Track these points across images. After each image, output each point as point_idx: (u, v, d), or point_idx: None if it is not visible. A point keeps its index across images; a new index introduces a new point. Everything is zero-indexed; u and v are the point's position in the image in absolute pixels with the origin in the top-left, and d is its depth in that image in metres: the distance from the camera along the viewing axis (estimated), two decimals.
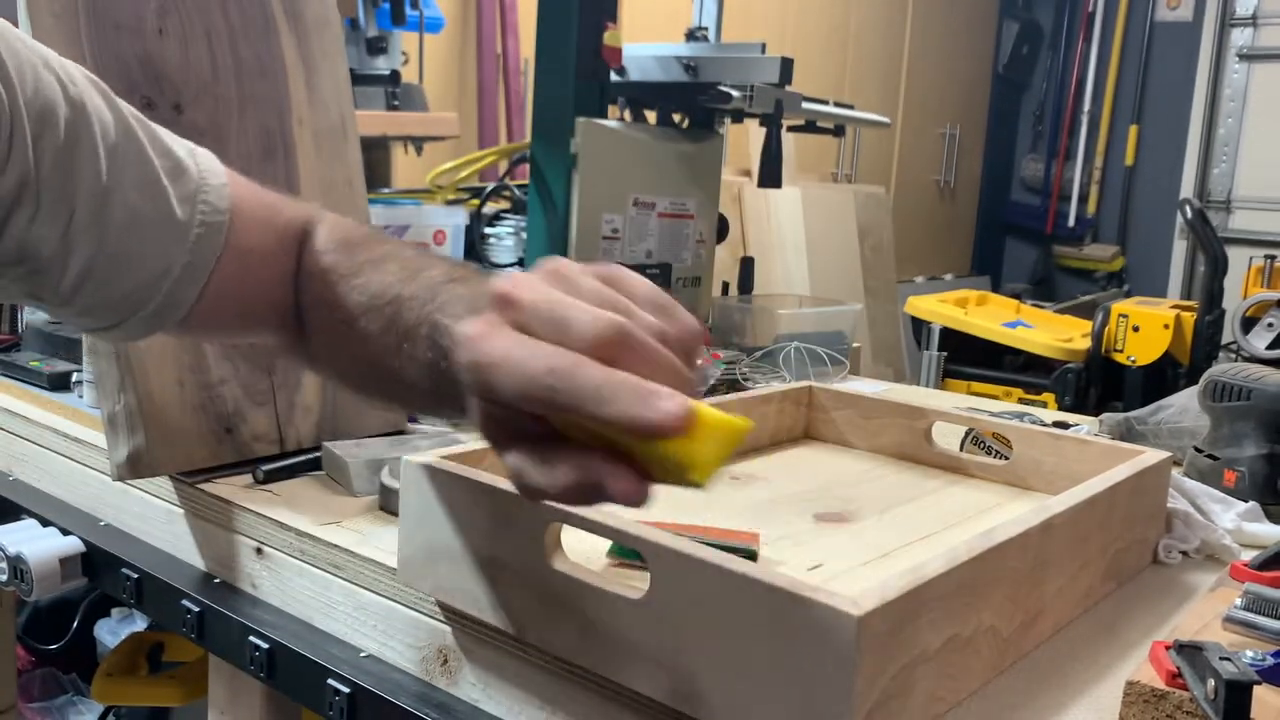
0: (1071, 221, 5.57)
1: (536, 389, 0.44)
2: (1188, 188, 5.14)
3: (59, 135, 0.58)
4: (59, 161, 0.58)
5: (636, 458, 0.47)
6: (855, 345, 1.68)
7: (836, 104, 1.94)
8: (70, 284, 0.61)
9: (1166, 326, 2.78)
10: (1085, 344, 2.88)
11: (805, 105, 1.72)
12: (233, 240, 0.65)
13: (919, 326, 3.13)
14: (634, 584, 0.56)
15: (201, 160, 0.66)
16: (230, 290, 0.66)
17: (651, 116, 1.73)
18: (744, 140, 3.47)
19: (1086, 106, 5.51)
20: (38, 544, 0.93)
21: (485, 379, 0.46)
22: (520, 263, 1.64)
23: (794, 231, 3.67)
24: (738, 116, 1.75)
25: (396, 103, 1.88)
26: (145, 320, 0.65)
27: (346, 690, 0.70)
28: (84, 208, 0.59)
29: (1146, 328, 2.80)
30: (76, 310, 0.63)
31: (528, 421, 0.48)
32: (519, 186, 1.72)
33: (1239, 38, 5.06)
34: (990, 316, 3.14)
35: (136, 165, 0.62)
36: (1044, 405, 2.77)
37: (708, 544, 0.54)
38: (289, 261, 0.69)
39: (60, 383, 1.12)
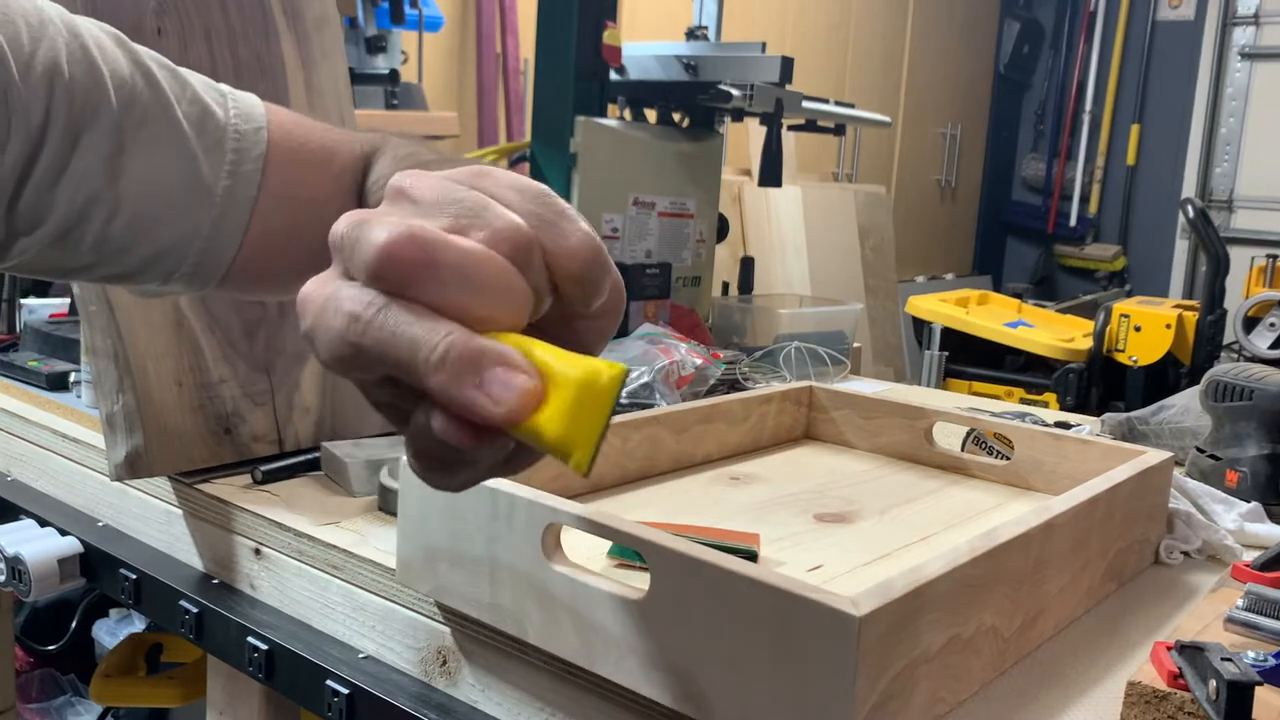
0: (1073, 221, 5.57)
1: (340, 347, 0.36)
2: (1189, 187, 5.14)
3: (68, 99, 0.54)
4: (69, 127, 0.54)
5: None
6: (855, 345, 1.68)
7: (837, 103, 1.94)
8: (89, 249, 0.57)
9: (1168, 326, 2.78)
10: (1087, 344, 2.88)
11: (805, 104, 1.72)
12: (275, 187, 0.60)
13: (920, 326, 3.13)
14: (634, 584, 0.55)
15: (238, 103, 0.61)
16: (278, 243, 0.61)
17: (651, 116, 1.73)
18: (744, 140, 3.47)
19: (1088, 106, 5.51)
20: (36, 544, 0.93)
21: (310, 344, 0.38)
22: None
23: (794, 231, 3.66)
24: (738, 116, 1.75)
25: (396, 102, 1.88)
26: (185, 279, 0.60)
27: (345, 691, 0.70)
28: (97, 171, 0.55)
29: (1148, 327, 2.80)
30: (101, 275, 0.60)
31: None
32: None
33: (1241, 36, 5.06)
34: (991, 316, 3.14)
35: (156, 121, 0.57)
36: (1045, 405, 2.77)
37: (708, 544, 0.54)
38: (349, 202, 0.62)
39: (59, 383, 1.12)
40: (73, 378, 1.11)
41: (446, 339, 0.35)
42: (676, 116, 1.72)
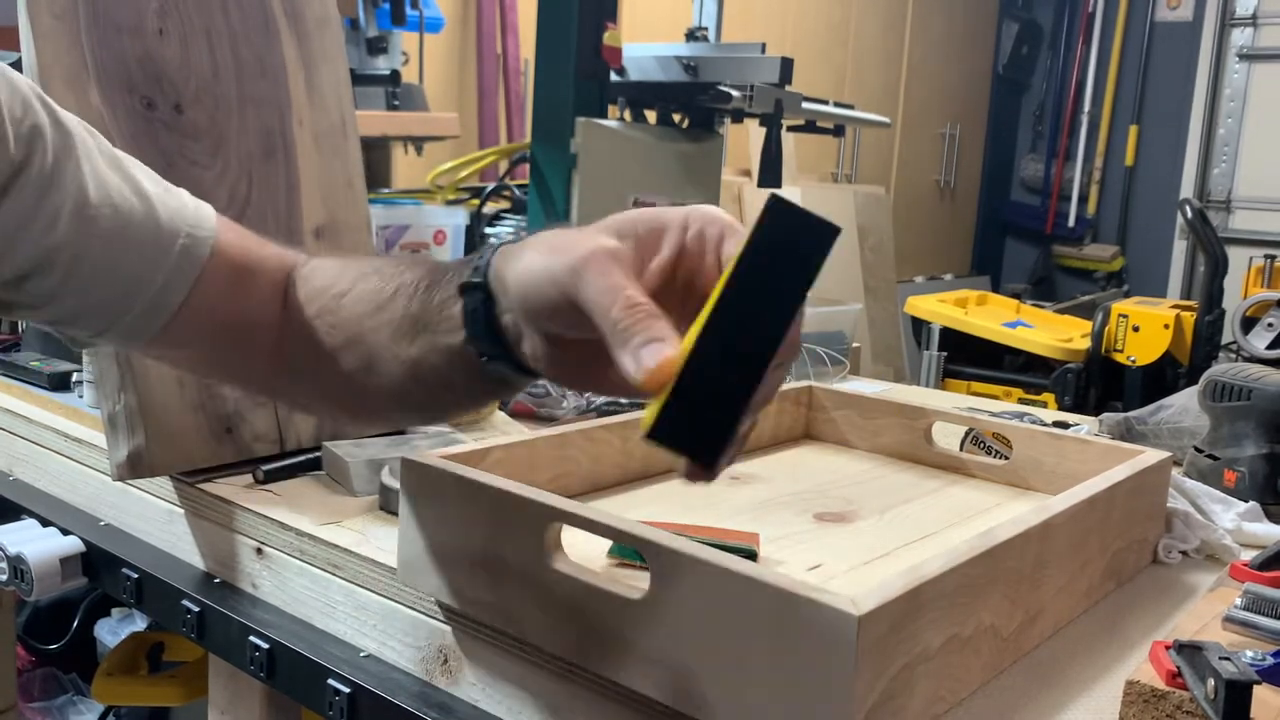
0: (1071, 221, 5.57)
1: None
2: (1188, 188, 5.14)
3: (46, 157, 0.59)
4: (41, 181, 0.59)
5: None
6: (855, 345, 1.68)
7: (836, 104, 1.94)
8: (47, 292, 0.61)
9: (1166, 326, 2.78)
10: (1085, 344, 2.88)
11: (805, 105, 1.73)
12: (219, 258, 0.65)
13: (919, 326, 3.13)
14: (634, 584, 0.56)
15: (188, 196, 0.67)
16: (215, 304, 0.66)
17: (651, 116, 1.73)
18: (744, 140, 3.47)
19: (1086, 106, 5.51)
20: (38, 544, 0.93)
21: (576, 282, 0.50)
22: None
23: None
24: (738, 116, 1.76)
25: (396, 103, 1.88)
26: (123, 331, 0.64)
27: (346, 690, 0.70)
28: (66, 223, 0.59)
29: (1146, 328, 2.80)
30: (49, 317, 0.64)
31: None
32: (519, 186, 1.72)
33: (1239, 38, 5.06)
34: (990, 316, 3.14)
35: (122, 185, 0.62)
36: (1044, 405, 2.77)
37: (708, 544, 0.54)
38: (280, 280, 0.68)
39: (60, 383, 1.12)
40: (75, 377, 1.11)
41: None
42: (676, 117, 1.72)
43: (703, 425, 0.45)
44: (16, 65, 0.84)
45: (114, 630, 1.72)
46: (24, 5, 0.82)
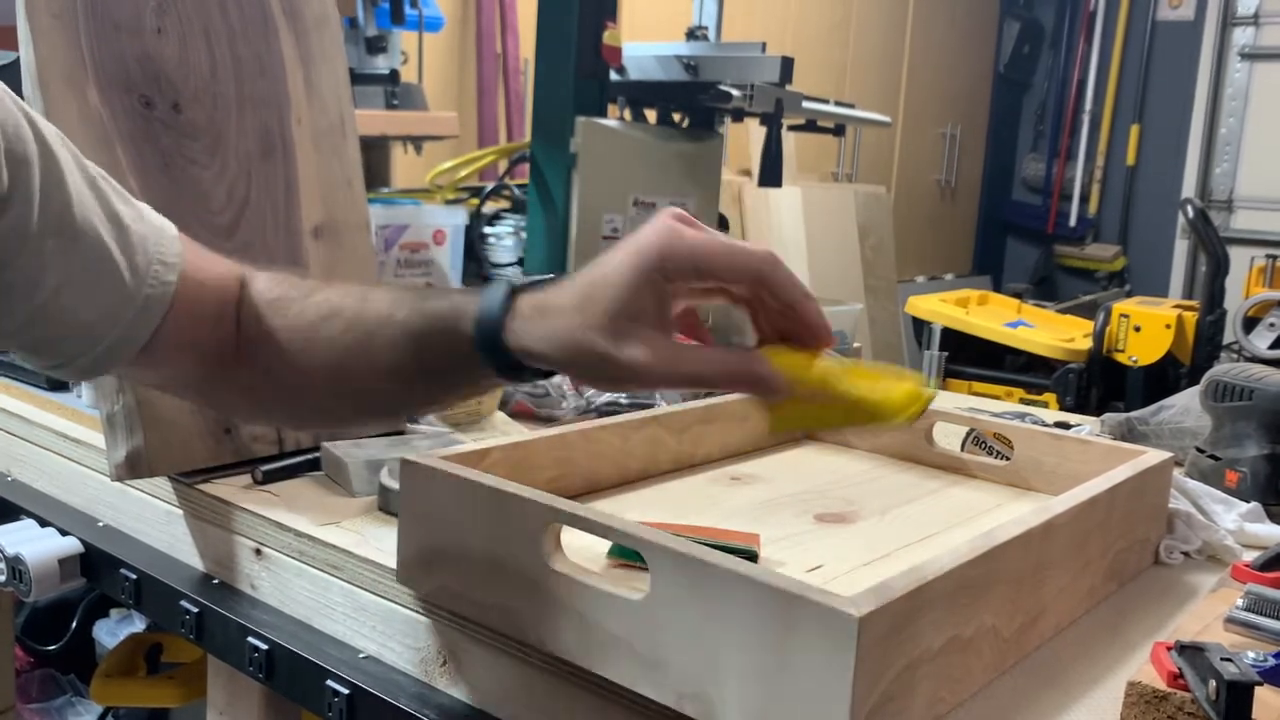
0: (1073, 221, 5.57)
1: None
2: (1189, 187, 5.13)
3: (32, 180, 0.58)
4: (28, 203, 0.58)
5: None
6: (855, 345, 1.68)
7: (837, 103, 1.94)
8: (23, 319, 0.61)
9: (1168, 326, 2.78)
10: (1086, 344, 2.87)
11: (805, 104, 1.72)
12: (185, 285, 0.66)
13: (919, 326, 3.13)
14: (634, 584, 0.56)
15: (151, 213, 0.68)
16: (181, 326, 0.66)
17: (651, 116, 1.73)
18: (744, 140, 3.46)
19: (1088, 106, 5.50)
20: (36, 544, 0.93)
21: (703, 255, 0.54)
22: (520, 262, 1.64)
23: (794, 231, 3.66)
24: (738, 116, 1.75)
25: (396, 102, 1.88)
26: (93, 360, 0.64)
27: (346, 691, 0.70)
28: (51, 246, 0.60)
29: (1148, 328, 2.80)
30: (20, 344, 0.64)
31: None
32: (519, 186, 1.72)
33: (1241, 37, 5.05)
34: (991, 316, 3.14)
35: (100, 212, 0.62)
36: (1045, 405, 2.77)
37: (708, 544, 0.54)
38: (234, 294, 0.69)
39: (60, 383, 1.12)
40: None
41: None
42: (676, 116, 1.72)
43: None
44: (15, 65, 0.84)
45: (112, 631, 1.72)
46: (23, 4, 0.82)
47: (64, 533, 0.96)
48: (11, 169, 0.57)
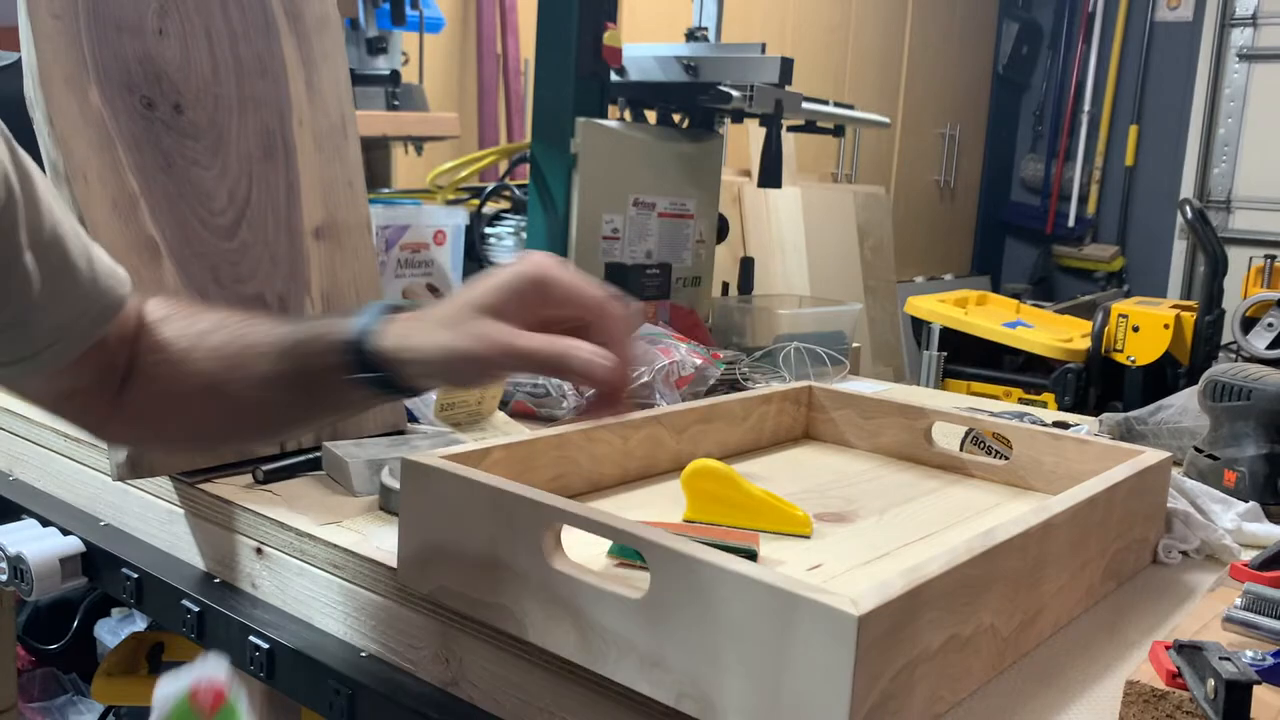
0: (1071, 221, 5.57)
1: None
2: (1188, 188, 5.13)
3: (16, 207, 0.60)
4: (9, 228, 0.60)
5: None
6: (855, 345, 1.68)
7: (836, 104, 1.94)
8: None
9: (1166, 326, 2.78)
10: (1085, 344, 2.88)
11: (805, 105, 1.72)
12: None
13: (919, 326, 3.13)
14: (634, 584, 0.56)
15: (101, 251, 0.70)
16: (105, 346, 0.68)
17: (651, 116, 1.73)
18: (744, 140, 3.46)
19: (1086, 106, 5.50)
20: (38, 544, 0.93)
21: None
22: None
23: (794, 231, 3.66)
24: (738, 116, 1.75)
25: (396, 103, 1.88)
26: (29, 366, 0.65)
27: (347, 690, 0.70)
28: (30, 260, 0.61)
29: (1146, 328, 2.80)
30: None
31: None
32: (519, 186, 1.72)
33: (1239, 38, 5.06)
34: (990, 316, 3.14)
35: (71, 234, 0.64)
36: (1044, 405, 2.77)
37: (708, 544, 0.54)
38: (138, 316, 0.71)
39: None
40: None
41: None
42: (676, 117, 1.72)
43: None
44: (17, 65, 0.84)
45: (114, 630, 1.72)
46: (24, 5, 0.82)
47: (65, 532, 0.96)
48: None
